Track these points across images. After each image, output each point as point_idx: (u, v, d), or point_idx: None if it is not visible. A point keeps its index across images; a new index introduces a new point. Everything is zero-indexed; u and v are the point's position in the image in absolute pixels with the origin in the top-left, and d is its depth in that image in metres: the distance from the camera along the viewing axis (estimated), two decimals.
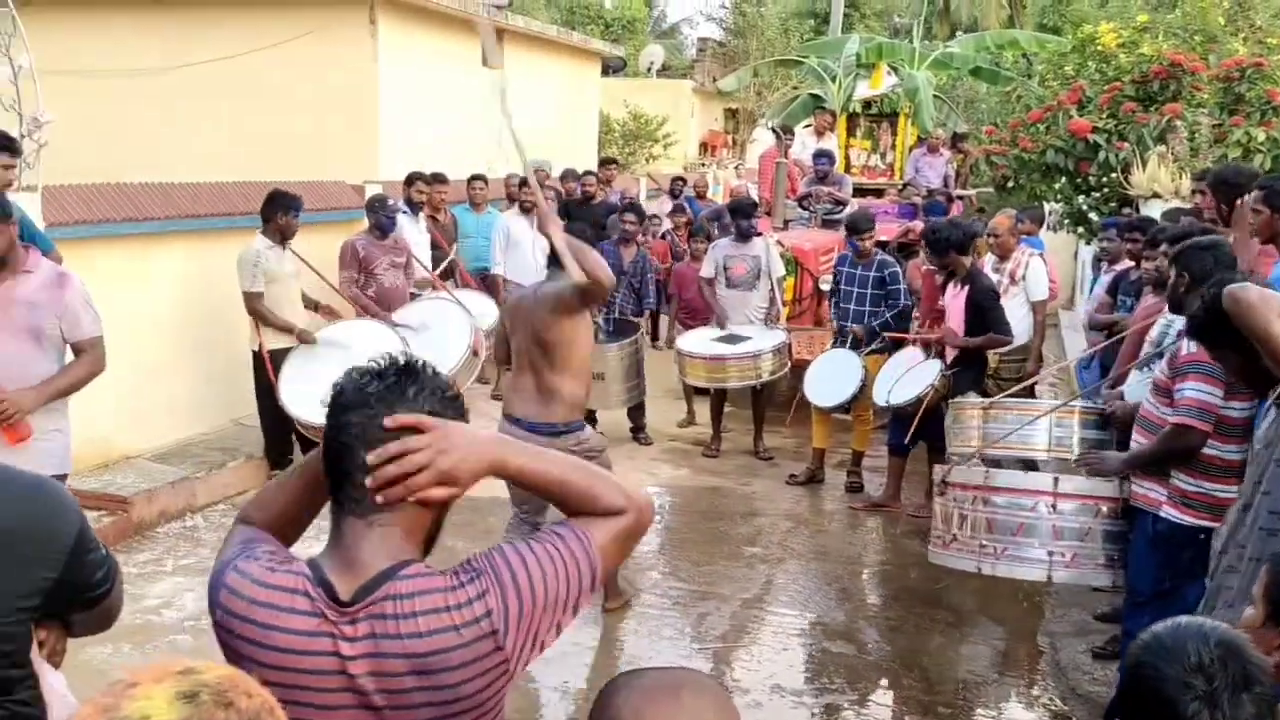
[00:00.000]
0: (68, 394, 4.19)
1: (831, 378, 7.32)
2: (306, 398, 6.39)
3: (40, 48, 6.15)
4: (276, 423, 6.71)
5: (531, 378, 4.89)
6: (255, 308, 6.61)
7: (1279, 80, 9.16)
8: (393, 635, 1.50)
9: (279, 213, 6.66)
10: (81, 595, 1.78)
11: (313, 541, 1.71)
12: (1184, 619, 1.59)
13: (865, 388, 7.07)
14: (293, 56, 10.03)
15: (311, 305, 6.97)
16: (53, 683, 1.84)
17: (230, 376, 7.23)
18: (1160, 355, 4.49)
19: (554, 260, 4.74)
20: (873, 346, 7.34)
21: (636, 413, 8.37)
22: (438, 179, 8.71)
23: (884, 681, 4.90)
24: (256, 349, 6.67)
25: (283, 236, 6.68)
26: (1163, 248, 4.99)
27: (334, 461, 1.54)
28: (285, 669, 1.51)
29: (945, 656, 5.18)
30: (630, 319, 8.54)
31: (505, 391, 5.22)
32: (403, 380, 1.56)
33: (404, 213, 8.06)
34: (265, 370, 6.59)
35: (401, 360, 1.59)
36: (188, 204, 7.23)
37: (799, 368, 7.85)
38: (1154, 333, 4.72)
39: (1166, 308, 4.45)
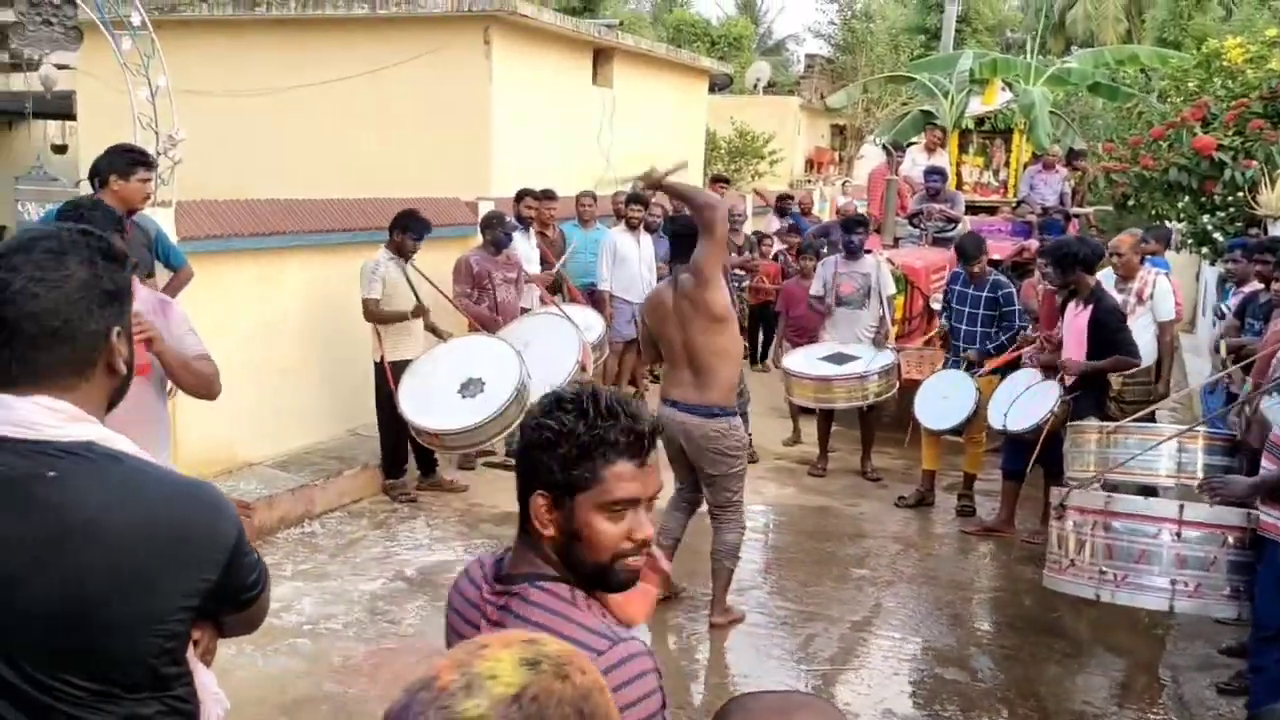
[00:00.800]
0: (185, 376, 4.14)
1: (944, 399, 7.20)
2: (426, 406, 6.56)
3: (171, 68, 6.42)
4: (394, 432, 6.88)
5: (688, 368, 5.08)
6: (372, 312, 6.83)
7: None
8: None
9: (396, 230, 6.88)
10: (236, 597, 1.84)
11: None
12: None
13: (979, 410, 6.94)
14: (410, 76, 10.29)
15: (431, 328, 7.11)
16: (205, 681, 1.91)
17: (348, 387, 7.43)
18: None
19: (675, 252, 5.17)
20: (986, 368, 7.21)
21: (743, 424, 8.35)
22: (547, 195, 8.83)
23: (999, 710, 4.79)
24: (378, 359, 6.86)
25: (399, 253, 6.86)
26: None
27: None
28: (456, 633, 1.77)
29: (1062, 687, 5.04)
30: None
31: (663, 382, 5.44)
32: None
33: (516, 228, 8.20)
34: (386, 380, 6.75)
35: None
36: (311, 220, 7.46)
37: (909, 388, 7.74)
38: None
39: None
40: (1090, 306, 6.20)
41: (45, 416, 1.64)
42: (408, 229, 6.87)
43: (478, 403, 6.34)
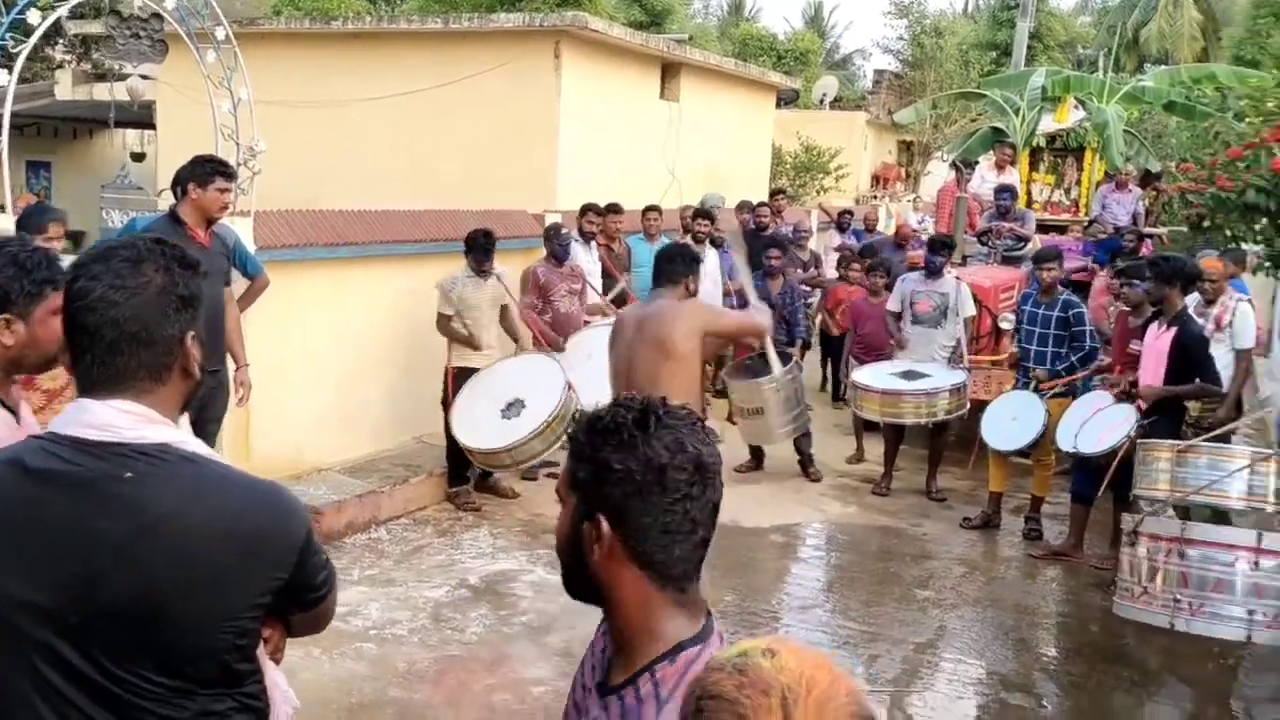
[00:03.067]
0: None
1: (1012, 420, 7.10)
2: (471, 422, 6.72)
3: (251, 80, 6.57)
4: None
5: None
6: (443, 328, 7.03)
7: None
8: None
9: (468, 250, 7.05)
10: (305, 596, 1.88)
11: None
12: None
13: (1047, 432, 6.84)
14: (481, 89, 10.43)
15: (514, 337, 7.34)
16: (275, 679, 1.95)
17: (416, 396, 7.53)
18: None
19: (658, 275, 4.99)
20: (1056, 390, 7.10)
21: (804, 441, 8.29)
22: (612, 209, 8.89)
23: None
24: (447, 366, 7.00)
25: (476, 271, 7.03)
26: None
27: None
28: None
29: (1130, 716, 4.95)
30: (783, 351, 8.50)
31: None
32: None
33: (577, 241, 8.26)
34: (449, 387, 6.91)
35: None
36: (382, 230, 7.59)
37: (976, 407, 7.65)
38: None
39: None
40: (1175, 329, 6.08)
41: (122, 419, 1.70)
42: (470, 250, 7.04)
43: (511, 425, 6.53)
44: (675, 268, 4.86)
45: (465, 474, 7.25)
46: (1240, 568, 4.16)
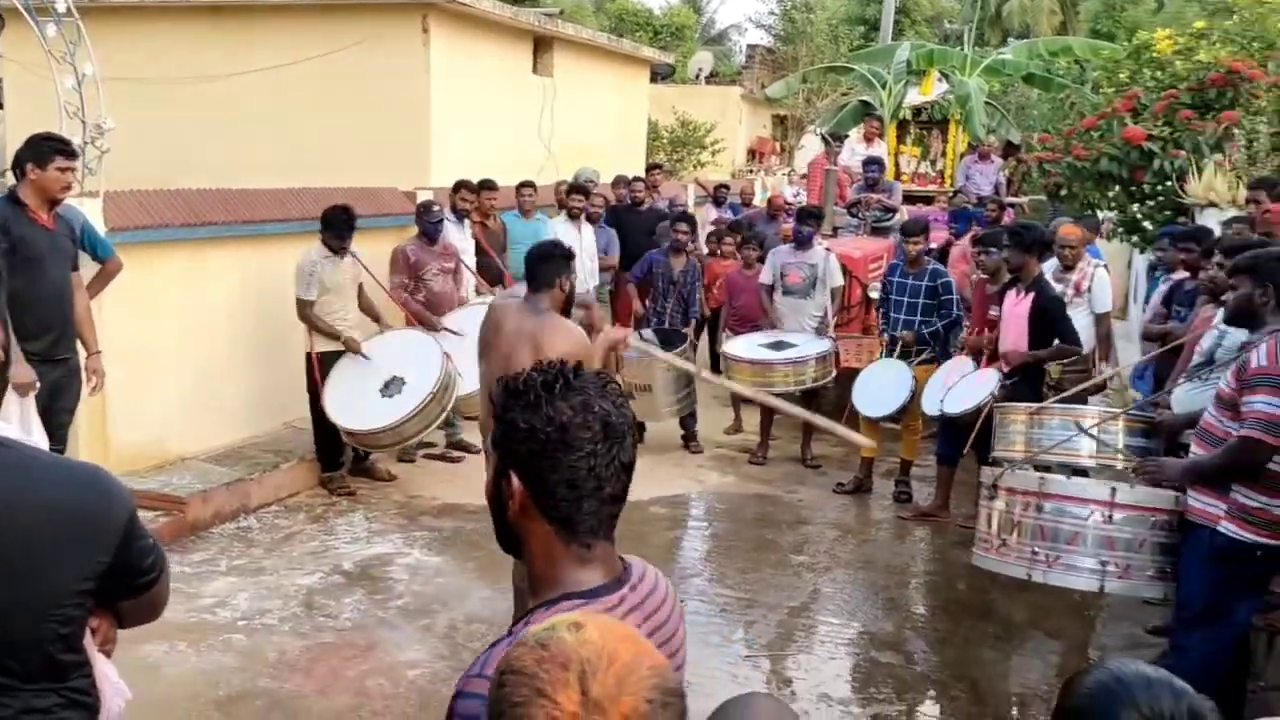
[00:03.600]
0: None
1: (881, 387, 7.28)
2: (348, 404, 6.60)
3: (99, 56, 6.28)
4: (327, 425, 6.81)
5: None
6: (305, 314, 6.82)
7: None
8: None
9: (321, 229, 6.88)
10: (132, 581, 1.84)
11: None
12: (1141, 667, 1.50)
13: (915, 397, 7.03)
14: (346, 64, 10.14)
15: (374, 317, 7.11)
16: (105, 671, 1.90)
17: (282, 380, 7.33)
18: (1209, 365, 4.42)
19: (531, 273, 4.72)
20: (923, 356, 7.30)
21: (689, 420, 8.40)
22: (486, 186, 8.78)
23: (933, 693, 4.87)
24: (309, 351, 6.81)
25: (332, 250, 6.85)
26: (1216, 258, 4.91)
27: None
28: None
29: (996, 669, 5.14)
30: (678, 330, 8.55)
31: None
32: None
33: (450, 220, 8.14)
34: (314, 373, 6.74)
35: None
36: (244, 209, 7.35)
37: (848, 376, 7.81)
38: (1204, 343, 4.65)
39: (1218, 318, 4.38)
40: (1033, 294, 6.30)
41: None
42: (327, 227, 6.85)
43: (394, 402, 6.44)
44: (550, 269, 4.66)
45: (339, 459, 7.10)
46: (1094, 521, 4.32)
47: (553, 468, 1.54)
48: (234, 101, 10.38)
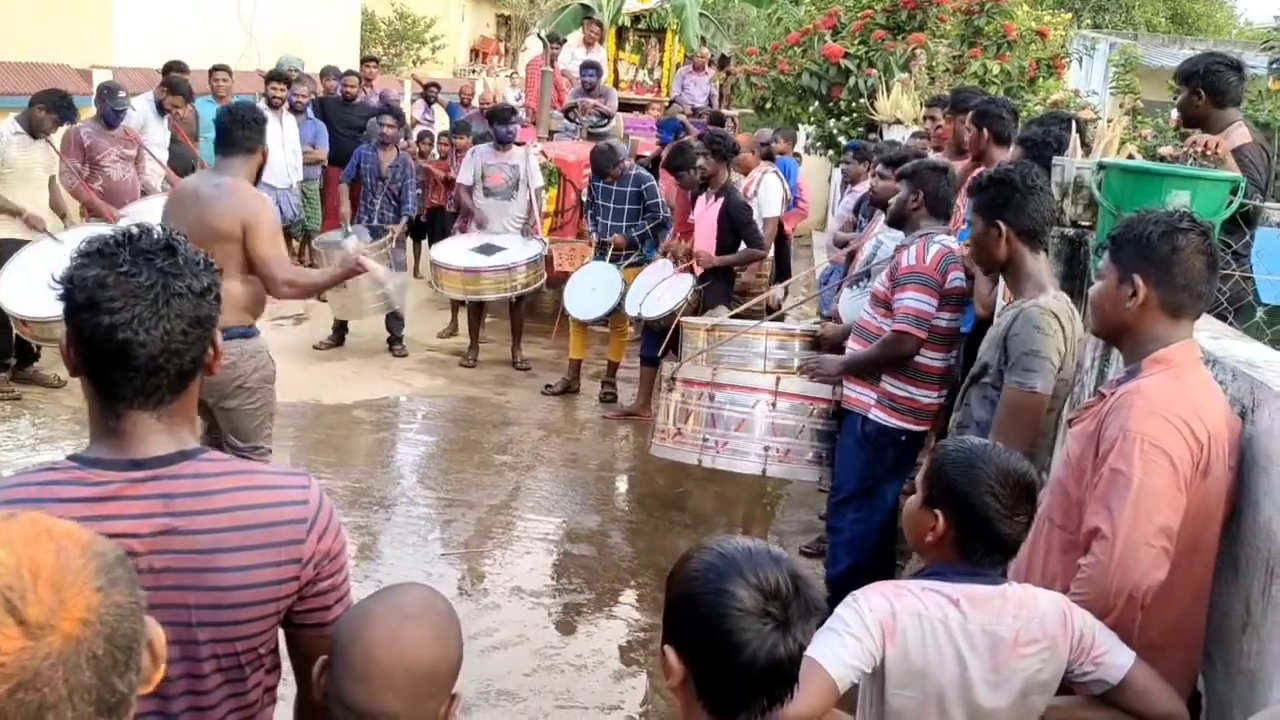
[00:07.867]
0: None
1: (591, 291, 7.37)
2: (26, 292, 5.99)
3: None
4: None
5: None
6: None
7: (1015, 16, 9.74)
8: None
9: (40, 106, 6.39)
10: None
11: None
12: (742, 540, 1.56)
13: (623, 301, 7.16)
14: None
15: (62, 214, 6.53)
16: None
17: None
18: (869, 274, 4.74)
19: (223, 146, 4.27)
20: (631, 259, 7.43)
21: (394, 322, 8.17)
22: (175, 69, 8.17)
23: (621, 581, 5.06)
24: None
25: (31, 130, 6.35)
26: (878, 168, 5.28)
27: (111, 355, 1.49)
28: None
29: (681, 553, 5.38)
30: (386, 226, 8.31)
31: None
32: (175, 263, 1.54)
33: (134, 110, 7.52)
34: None
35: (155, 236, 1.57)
36: None
37: (560, 280, 7.85)
38: (865, 250, 4.98)
39: (878, 226, 4.69)
40: (722, 200, 6.55)
41: None
42: (57, 109, 6.35)
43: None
44: (247, 133, 4.22)
45: (5, 360, 6.49)
46: (760, 409, 4.58)
47: (76, 327, 1.53)
48: None
